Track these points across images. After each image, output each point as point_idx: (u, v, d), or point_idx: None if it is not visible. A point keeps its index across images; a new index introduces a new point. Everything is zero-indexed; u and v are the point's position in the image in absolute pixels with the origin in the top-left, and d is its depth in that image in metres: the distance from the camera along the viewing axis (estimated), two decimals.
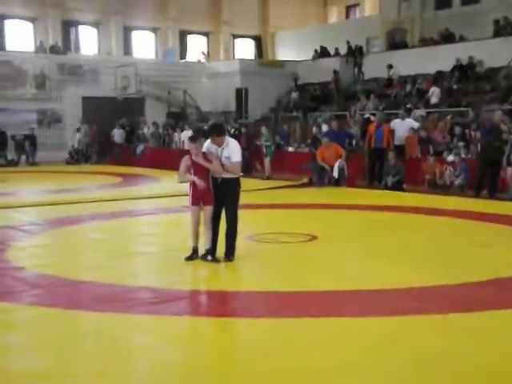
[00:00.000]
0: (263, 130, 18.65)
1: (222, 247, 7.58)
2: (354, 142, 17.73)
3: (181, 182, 7.92)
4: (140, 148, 24.05)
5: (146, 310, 5.75)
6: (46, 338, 5.08)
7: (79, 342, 5.02)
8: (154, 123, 24.81)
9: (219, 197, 7.50)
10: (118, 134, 24.94)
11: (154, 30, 33.54)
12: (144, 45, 33.32)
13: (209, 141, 7.58)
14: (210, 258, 7.47)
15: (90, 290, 6.49)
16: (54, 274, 7.08)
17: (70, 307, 5.86)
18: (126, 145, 24.92)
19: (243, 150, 9.20)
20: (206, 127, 14.99)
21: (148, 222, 11.56)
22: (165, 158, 22.16)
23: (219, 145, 7.47)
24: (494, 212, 11.11)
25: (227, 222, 7.57)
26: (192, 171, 7.48)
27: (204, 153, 7.48)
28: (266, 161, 18.02)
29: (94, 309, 5.76)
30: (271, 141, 18.53)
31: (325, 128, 18.85)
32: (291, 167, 18.65)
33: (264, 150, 18.06)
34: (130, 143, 24.81)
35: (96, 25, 31.77)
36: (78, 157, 25.14)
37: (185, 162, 7.59)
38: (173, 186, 16.57)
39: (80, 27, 31.08)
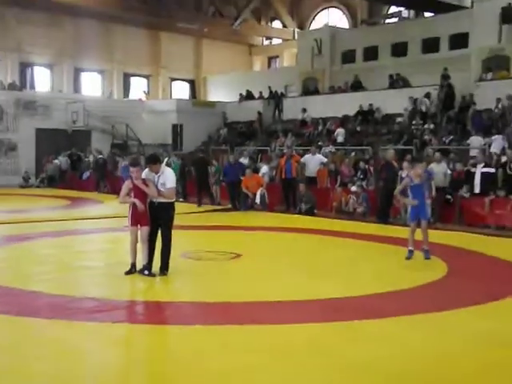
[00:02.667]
0: (214, 162, 18.42)
1: (157, 263, 7.53)
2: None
3: (122, 203, 7.86)
4: (86, 174, 23.55)
5: (88, 317, 5.64)
6: None
7: (28, 346, 4.86)
8: (98, 151, 24.29)
9: (155, 218, 7.47)
10: (63, 162, 24.52)
11: (101, 71, 33.15)
12: (92, 84, 32.85)
13: (147, 169, 7.58)
14: (146, 272, 7.40)
15: (38, 299, 6.33)
16: (4, 285, 6.85)
17: (21, 314, 5.69)
18: (71, 172, 24.39)
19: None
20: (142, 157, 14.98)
21: (92, 239, 11.29)
22: (109, 183, 21.74)
23: (156, 172, 7.48)
24: (389, 235, 11.41)
25: (162, 241, 7.54)
26: (132, 194, 7.44)
27: (143, 179, 7.48)
28: (216, 188, 17.42)
29: (43, 316, 5.63)
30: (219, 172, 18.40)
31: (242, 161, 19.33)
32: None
33: (213, 179, 17.43)
34: (76, 170, 24.26)
35: (50, 66, 31.23)
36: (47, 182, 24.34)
37: (126, 185, 7.56)
38: (114, 208, 16.37)
39: (35, 67, 30.67)
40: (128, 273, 7.44)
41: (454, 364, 4.62)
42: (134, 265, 7.50)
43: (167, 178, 7.49)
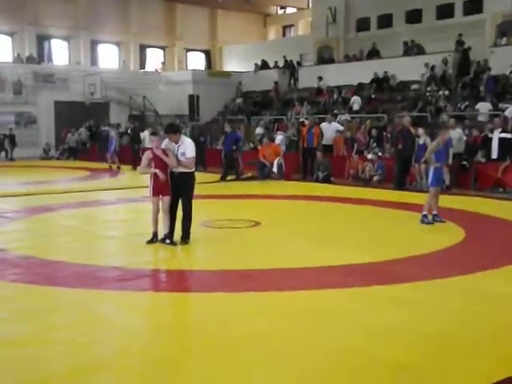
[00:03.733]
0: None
1: (178, 232, 7.50)
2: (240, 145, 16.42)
3: (142, 173, 7.80)
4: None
5: (113, 286, 5.65)
6: (25, 311, 4.93)
7: (55, 315, 4.89)
8: (119, 124, 24.35)
9: (176, 188, 7.41)
10: (83, 134, 24.55)
11: (118, 43, 32.91)
12: (108, 56, 32.63)
13: (167, 139, 7.48)
14: (168, 241, 7.38)
15: (64, 269, 6.33)
16: (32, 255, 6.89)
17: (47, 284, 5.70)
18: (90, 143, 24.40)
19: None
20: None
21: (112, 210, 11.32)
22: (127, 154, 21.72)
23: (176, 142, 7.39)
24: (405, 201, 11.33)
25: (183, 210, 7.49)
26: (153, 165, 7.37)
27: (163, 149, 7.39)
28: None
29: (68, 285, 5.63)
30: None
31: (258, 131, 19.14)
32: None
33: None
34: (95, 142, 24.24)
35: (67, 39, 31.07)
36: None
37: (146, 156, 7.48)
38: (134, 178, 16.39)
39: (53, 41, 30.52)
40: (150, 242, 7.42)
41: (477, 326, 4.56)
42: (155, 234, 7.47)
43: (187, 147, 7.38)
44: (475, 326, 4.58)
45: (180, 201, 7.50)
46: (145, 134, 22.09)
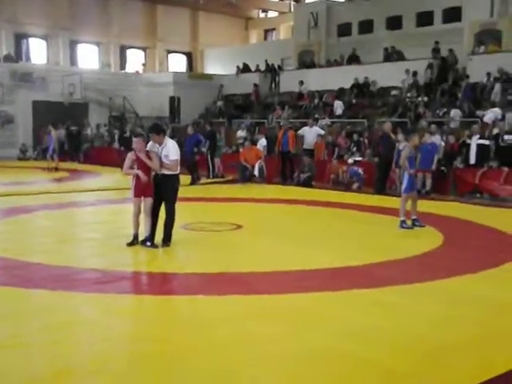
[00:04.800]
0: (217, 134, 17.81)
1: (159, 234, 7.45)
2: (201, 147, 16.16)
3: (125, 174, 7.74)
4: (84, 147, 23.32)
5: (92, 288, 5.59)
6: (2, 314, 4.85)
7: (33, 317, 4.81)
8: (98, 125, 24.17)
9: (159, 190, 7.35)
10: (61, 135, 24.22)
11: (98, 43, 32.62)
12: (88, 56, 32.33)
13: (151, 141, 7.43)
14: (148, 243, 7.32)
15: (42, 271, 6.24)
16: (9, 257, 6.77)
17: (24, 286, 5.61)
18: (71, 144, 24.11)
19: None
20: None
21: (92, 211, 11.19)
22: (106, 155, 21.62)
23: (159, 143, 7.33)
24: (385, 206, 11.37)
25: (166, 212, 7.44)
26: (136, 166, 7.31)
27: (147, 151, 7.34)
28: (217, 160, 16.86)
29: (46, 287, 5.55)
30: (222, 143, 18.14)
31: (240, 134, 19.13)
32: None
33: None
34: (72, 143, 23.94)
35: (45, 38, 30.63)
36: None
37: (130, 157, 7.42)
38: (113, 180, 16.26)
39: (31, 39, 30.05)
40: (130, 244, 7.36)
41: (457, 329, 4.60)
42: (136, 236, 7.41)
43: (170, 149, 7.33)
44: (456, 329, 4.63)
45: (163, 203, 7.44)
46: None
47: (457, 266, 6.62)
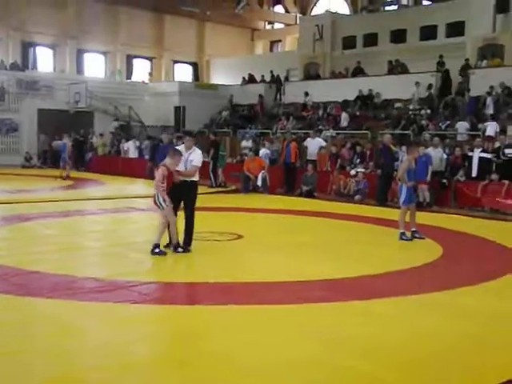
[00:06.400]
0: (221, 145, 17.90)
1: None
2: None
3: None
4: (88, 156, 23.46)
5: (90, 297, 5.60)
6: (0, 322, 4.88)
7: (31, 325, 4.84)
8: (101, 134, 24.29)
9: (178, 196, 7.55)
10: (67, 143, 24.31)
11: (104, 53, 32.88)
12: (94, 66, 32.55)
13: (182, 145, 7.84)
14: (157, 250, 7.45)
15: (41, 279, 6.26)
16: (8, 265, 6.80)
17: (23, 294, 5.63)
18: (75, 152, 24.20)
19: None
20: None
21: (95, 220, 11.24)
22: (111, 164, 21.73)
23: (189, 147, 7.67)
24: (386, 217, 11.39)
25: (187, 217, 7.71)
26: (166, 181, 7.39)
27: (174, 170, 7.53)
28: (220, 170, 16.91)
29: (46, 296, 5.58)
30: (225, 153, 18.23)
31: (244, 144, 19.06)
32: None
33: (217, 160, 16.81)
34: (77, 151, 24.04)
35: (52, 46, 30.90)
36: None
37: (163, 173, 7.40)
38: (117, 189, 16.34)
39: (38, 48, 30.22)
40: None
41: (441, 341, 4.62)
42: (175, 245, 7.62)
43: (196, 156, 7.68)
44: (444, 339, 4.64)
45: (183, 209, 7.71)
46: (129, 145, 22.15)
47: (454, 279, 6.63)
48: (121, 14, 32.31)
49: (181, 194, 7.53)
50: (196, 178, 7.74)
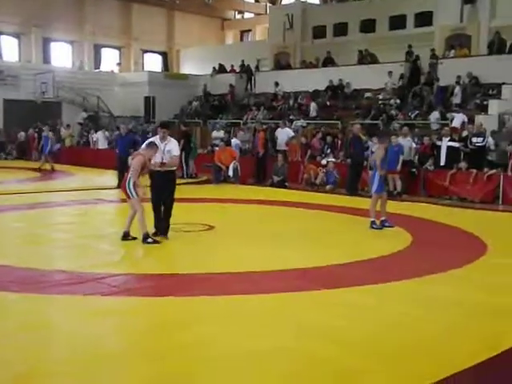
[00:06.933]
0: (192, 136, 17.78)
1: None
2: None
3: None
4: (56, 146, 23.00)
5: (59, 290, 5.53)
6: None
7: None
8: (68, 125, 23.85)
9: (159, 186, 7.75)
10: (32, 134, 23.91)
11: (72, 42, 32.25)
12: (62, 55, 31.93)
13: (157, 136, 7.97)
14: (150, 240, 7.58)
15: (8, 273, 6.14)
16: None
17: None
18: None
19: None
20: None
21: (63, 212, 11.06)
22: (80, 156, 21.41)
23: (163, 139, 7.83)
24: (357, 206, 11.44)
25: (167, 207, 7.90)
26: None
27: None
28: (191, 162, 16.76)
29: (12, 290, 5.47)
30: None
31: (215, 134, 18.97)
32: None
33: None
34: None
35: (17, 35, 30.19)
36: None
37: (140, 161, 7.53)
38: (86, 180, 16.11)
39: (2, 37, 29.50)
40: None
41: (412, 329, 4.68)
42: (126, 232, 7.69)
43: (173, 146, 7.87)
44: (415, 328, 4.70)
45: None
46: (98, 136, 21.82)
47: (423, 267, 6.72)
48: (88, 3, 31.74)
49: (163, 185, 7.74)
50: (175, 167, 8.01)
